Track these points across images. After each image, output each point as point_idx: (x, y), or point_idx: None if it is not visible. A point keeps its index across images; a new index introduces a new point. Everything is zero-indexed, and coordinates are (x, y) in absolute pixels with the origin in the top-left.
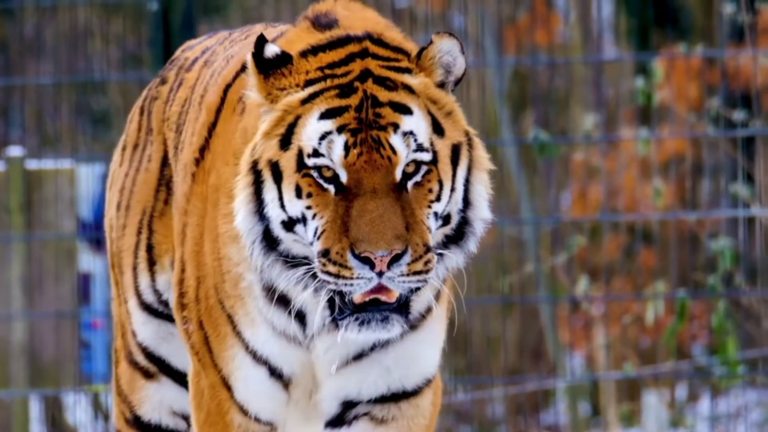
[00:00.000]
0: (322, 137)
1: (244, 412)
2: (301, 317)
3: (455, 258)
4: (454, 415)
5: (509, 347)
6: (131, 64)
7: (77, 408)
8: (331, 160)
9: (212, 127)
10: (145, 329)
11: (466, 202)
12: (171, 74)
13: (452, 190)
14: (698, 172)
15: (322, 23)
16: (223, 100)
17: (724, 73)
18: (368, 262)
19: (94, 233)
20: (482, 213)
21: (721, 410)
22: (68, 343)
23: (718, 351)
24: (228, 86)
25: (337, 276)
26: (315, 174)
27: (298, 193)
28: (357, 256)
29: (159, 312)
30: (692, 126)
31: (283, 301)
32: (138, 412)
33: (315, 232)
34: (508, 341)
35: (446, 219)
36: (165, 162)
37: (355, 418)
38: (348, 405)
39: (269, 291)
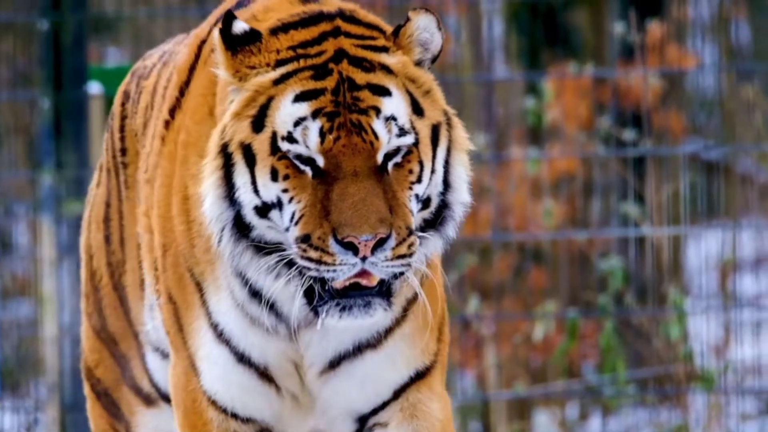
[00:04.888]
0: (297, 123)
1: (215, 405)
2: (271, 306)
3: (434, 243)
4: None
5: None
6: (22, 83)
7: None
8: (307, 146)
9: (185, 86)
10: (157, 358)
11: (446, 184)
12: (132, 87)
13: (432, 171)
14: (589, 191)
15: None
16: (197, 56)
17: (615, 92)
18: (351, 248)
19: None
20: (462, 196)
21: (611, 429)
22: None
23: (607, 370)
24: (202, 42)
25: (319, 262)
26: (291, 156)
27: (274, 176)
28: (339, 242)
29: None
30: (582, 145)
31: (242, 274)
32: None
33: (292, 217)
34: None
35: (426, 202)
36: None
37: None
38: (361, 420)
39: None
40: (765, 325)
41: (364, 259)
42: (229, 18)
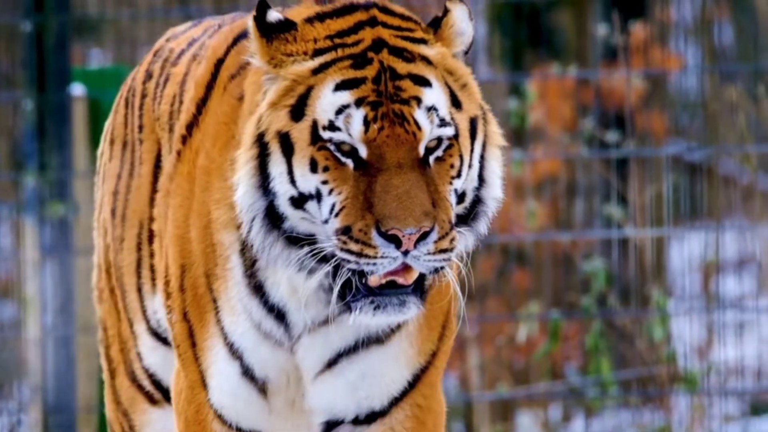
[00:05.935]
0: (339, 111)
1: (221, 419)
2: (281, 315)
3: (466, 239)
4: None
5: None
6: (5, 85)
7: None
8: (350, 134)
9: (202, 103)
10: (154, 354)
11: (481, 179)
12: (156, 68)
13: (469, 166)
14: (572, 192)
15: None
16: (214, 75)
17: (598, 93)
18: (395, 240)
19: None
20: (495, 192)
21: (594, 431)
22: None
23: (591, 371)
24: (220, 61)
25: (359, 255)
26: (332, 147)
27: (314, 167)
28: (383, 234)
29: (168, 338)
30: (566, 147)
31: (261, 291)
32: None
33: (332, 209)
34: None
35: (461, 197)
36: (158, 164)
37: None
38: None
39: (250, 278)
40: (748, 327)
41: (406, 252)
42: (262, 6)
